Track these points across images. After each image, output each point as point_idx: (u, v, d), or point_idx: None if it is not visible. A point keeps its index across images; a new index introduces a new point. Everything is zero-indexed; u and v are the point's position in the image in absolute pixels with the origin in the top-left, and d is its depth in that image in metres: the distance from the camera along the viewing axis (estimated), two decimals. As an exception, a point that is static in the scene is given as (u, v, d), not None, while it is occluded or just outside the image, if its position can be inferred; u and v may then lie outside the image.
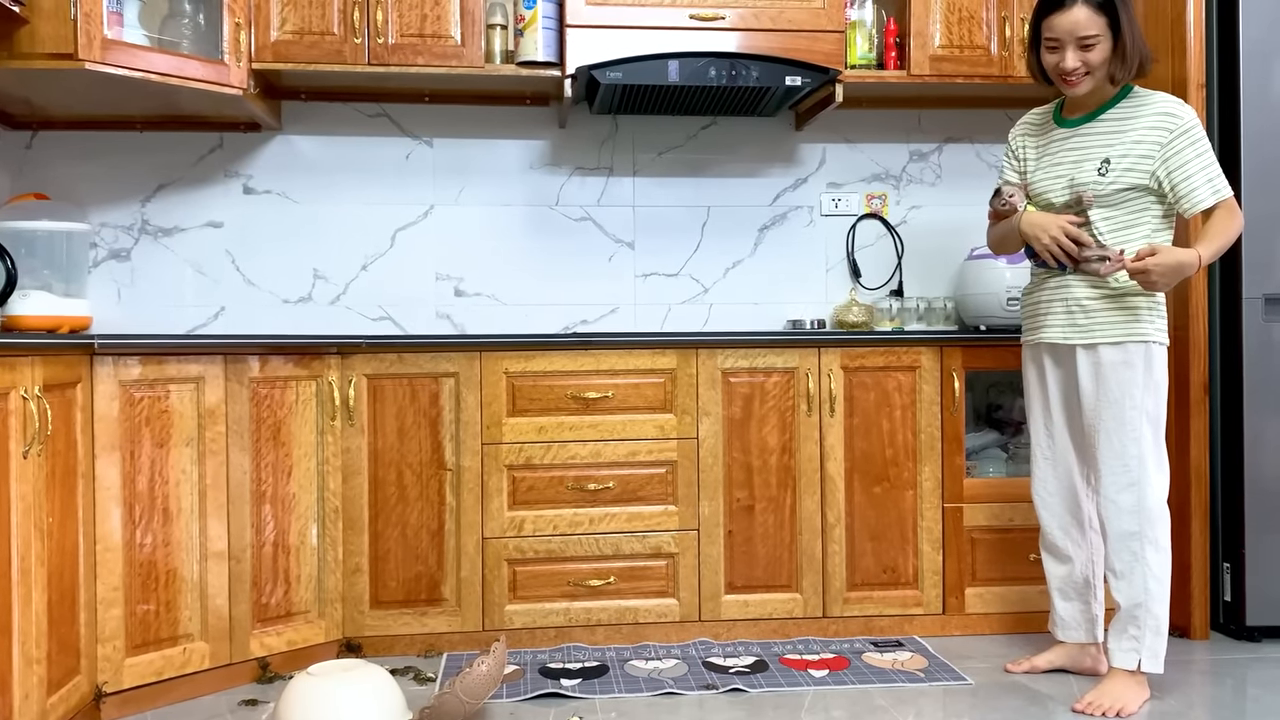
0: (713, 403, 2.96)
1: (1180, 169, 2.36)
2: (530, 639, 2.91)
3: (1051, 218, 2.46)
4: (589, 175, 3.46)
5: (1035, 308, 2.58)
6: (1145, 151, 2.39)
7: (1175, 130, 2.37)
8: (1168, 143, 2.37)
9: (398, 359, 2.86)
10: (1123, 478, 2.43)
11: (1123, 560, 2.44)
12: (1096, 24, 2.37)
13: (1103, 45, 2.38)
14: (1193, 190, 2.36)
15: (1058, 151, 2.51)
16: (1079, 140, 2.48)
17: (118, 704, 2.41)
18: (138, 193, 3.29)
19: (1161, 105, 2.41)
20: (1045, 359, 2.58)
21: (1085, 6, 2.38)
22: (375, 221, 3.38)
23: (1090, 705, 2.40)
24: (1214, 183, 2.36)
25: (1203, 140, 2.37)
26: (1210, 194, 2.36)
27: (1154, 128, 2.39)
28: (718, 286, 3.51)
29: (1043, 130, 2.59)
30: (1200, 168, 2.35)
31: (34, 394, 2.07)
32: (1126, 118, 2.43)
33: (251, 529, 2.63)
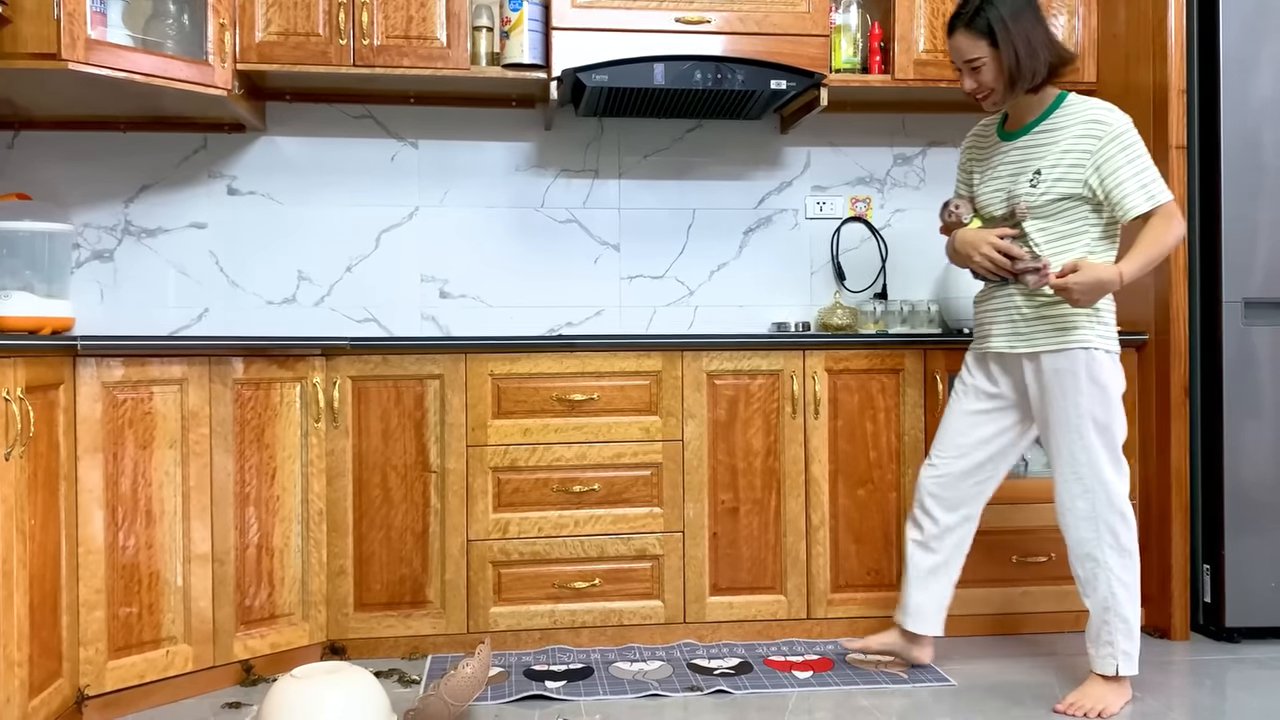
0: (698, 405, 2.97)
1: (1112, 175, 2.34)
2: (515, 641, 2.91)
3: (982, 234, 2.49)
4: (574, 178, 3.47)
5: (982, 317, 2.62)
6: (1074, 160, 2.39)
7: (1105, 137, 2.36)
8: (1098, 150, 2.36)
9: (382, 361, 2.85)
10: (1075, 485, 2.45)
11: (1085, 568, 2.47)
12: (978, 47, 2.42)
13: (989, 66, 2.42)
14: (1125, 196, 2.34)
15: (998, 164, 2.54)
16: (1016, 153, 2.50)
17: (100, 707, 2.40)
18: (121, 193, 3.28)
19: (1090, 113, 2.40)
20: (992, 366, 2.61)
21: (963, 31, 2.43)
22: (360, 223, 3.38)
23: (1072, 707, 2.42)
24: (1148, 188, 2.33)
25: (1135, 145, 2.36)
26: (1144, 199, 2.33)
27: (1083, 135, 2.39)
28: (703, 289, 3.52)
29: (987, 143, 2.62)
30: (1133, 173, 2.33)
31: (16, 396, 2.06)
32: (1058, 128, 2.43)
33: (235, 531, 2.62)
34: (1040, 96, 2.47)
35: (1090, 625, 2.48)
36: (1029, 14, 2.40)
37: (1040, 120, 2.47)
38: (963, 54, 2.44)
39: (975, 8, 2.40)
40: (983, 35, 2.40)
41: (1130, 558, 2.45)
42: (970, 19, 2.41)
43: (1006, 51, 2.38)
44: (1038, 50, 2.39)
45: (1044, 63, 2.40)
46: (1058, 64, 2.42)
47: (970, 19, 2.41)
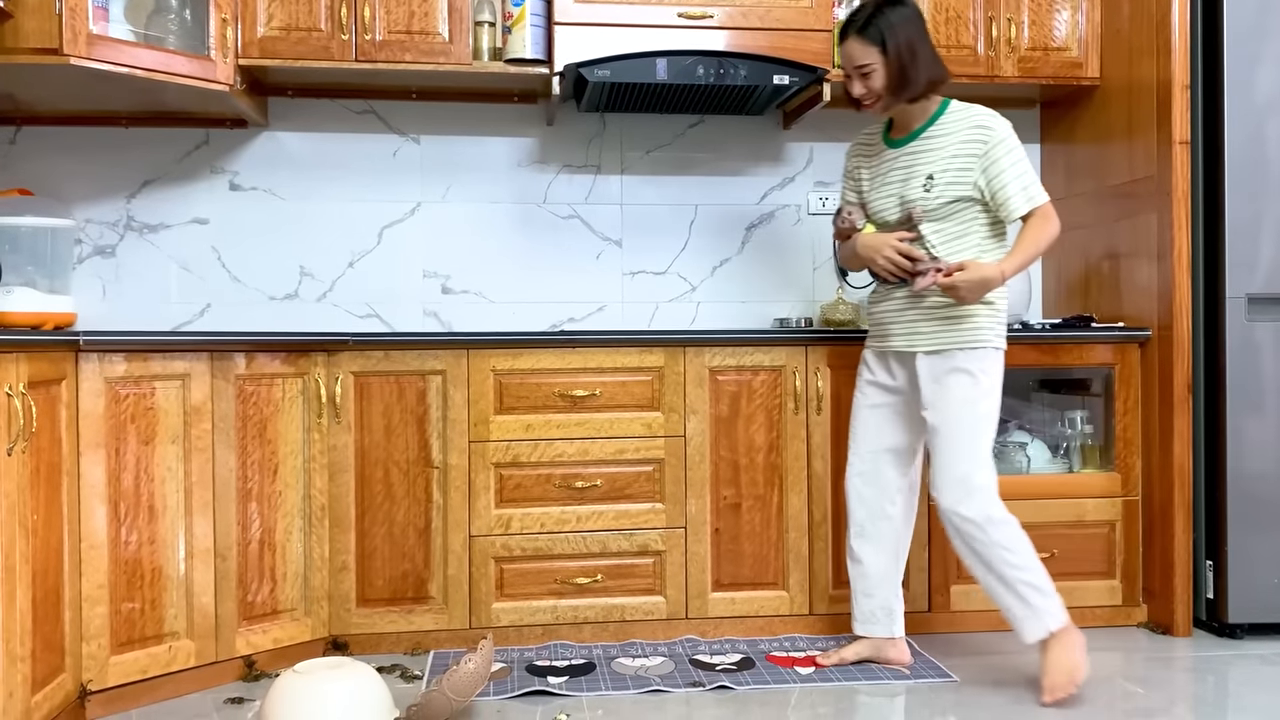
0: (700, 401, 2.96)
1: (997, 178, 2.46)
2: (517, 637, 2.92)
3: (884, 238, 2.56)
4: (577, 173, 3.46)
5: (881, 317, 2.65)
6: (963, 164, 2.49)
7: (990, 142, 2.47)
8: (984, 154, 2.47)
9: (385, 356, 2.85)
10: (957, 470, 2.50)
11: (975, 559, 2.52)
12: (869, 54, 2.48)
13: (879, 73, 2.49)
14: (1008, 199, 2.46)
15: (888, 171, 2.60)
16: (905, 159, 2.57)
17: (102, 702, 2.40)
18: (123, 189, 3.27)
19: (975, 119, 2.51)
20: (892, 362, 2.65)
21: (856, 39, 2.50)
22: (362, 219, 3.38)
23: (1052, 691, 2.45)
24: (1028, 190, 2.46)
25: (1016, 150, 2.47)
26: (1024, 201, 2.45)
27: (969, 140, 2.49)
28: (705, 285, 3.52)
29: (874, 151, 2.67)
30: (1014, 176, 2.45)
31: (18, 391, 2.06)
32: (944, 134, 2.52)
33: (237, 526, 2.62)
34: (924, 105, 2.55)
35: (1003, 608, 2.52)
36: (916, 28, 2.50)
37: (926, 127, 2.55)
38: (854, 60, 2.51)
39: (867, 16, 2.49)
40: (875, 43, 2.47)
41: (1006, 524, 2.49)
42: (863, 27, 2.49)
43: (894, 60, 2.46)
44: (922, 63, 2.48)
45: (925, 75, 2.49)
46: (937, 80, 2.51)
47: (863, 27, 2.49)
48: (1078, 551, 3.05)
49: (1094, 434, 3.19)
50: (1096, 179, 3.32)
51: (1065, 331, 3.08)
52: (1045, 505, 3.04)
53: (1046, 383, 3.40)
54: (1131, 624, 3.08)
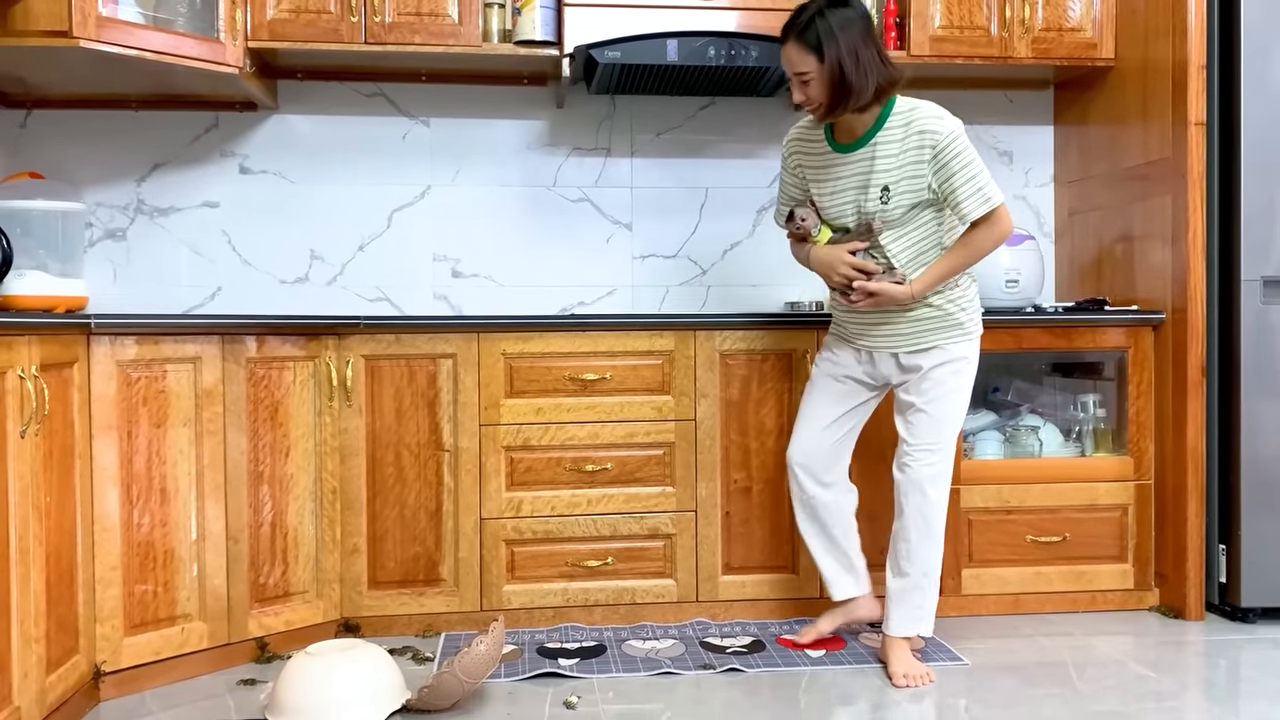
0: (710, 384, 2.96)
1: (948, 182, 2.39)
2: (528, 619, 2.92)
3: (837, 255, 2.50)
4: (587, 156, 3.45)
5: (846, 318, 2.63)
6: (914, 172, 2.41)
7: (936, 147, 2.38)
8: (933, 159, 2.39)
9: (395, 340, 2.85)
10: (928, 456, 2.51)
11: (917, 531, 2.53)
12: (806, 61, 2.37)
13: (817, 81, 2.37)
14: (961, 202, 2.39)
15: (839, 177, 2.50)
16: (857, 166, 2.47)
17: (116, 683, 2.42)
18: (133, 172, 3.27)
19: (920, 123, 2.40)
20: (862, 353, 2.62)
21: (794, 44, 2.39)
22: (372, 202, 3.37)
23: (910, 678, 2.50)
24: (983, 191, 2.39)
25: (966, 151, 2.38)
26: (980, 204, 2.39)
27: (918, 147, 2.40)
28: (716, 268, 3.50)
29: (818, 151, 2.55)
30: (966, 179, 2.38)
31: (31, 373, 2.06)
32: (891, 139, 2.42)
33: (249, 509, 2.63)
34: (871, 108, 2.44)
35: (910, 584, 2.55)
36: (860, 32, 2.36)
37: (873, 132, 2.44)
38: (793, 65, 2.40)
39: (807, 20, 2.36)
40: (812, 50, 2.35)
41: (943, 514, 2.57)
42: (801, 31, 2.37)
43: (833, 68, 2.34)
44: (867, 70, 2.35)
45: (872, 83, 2.36)
46: (886, 85, 2.39)
47: (801, 31, 2.37)
48: (1090, 535, 3.05)
49: (1106, 418, 3.18)
50: (1110, 161, 3.30)
51: (1078, 315, 3.06)
52: (1057, 489, 3.04)
53: (1059, 366, 3.39)
54: (1143, 608, 3.07)
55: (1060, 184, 3.59)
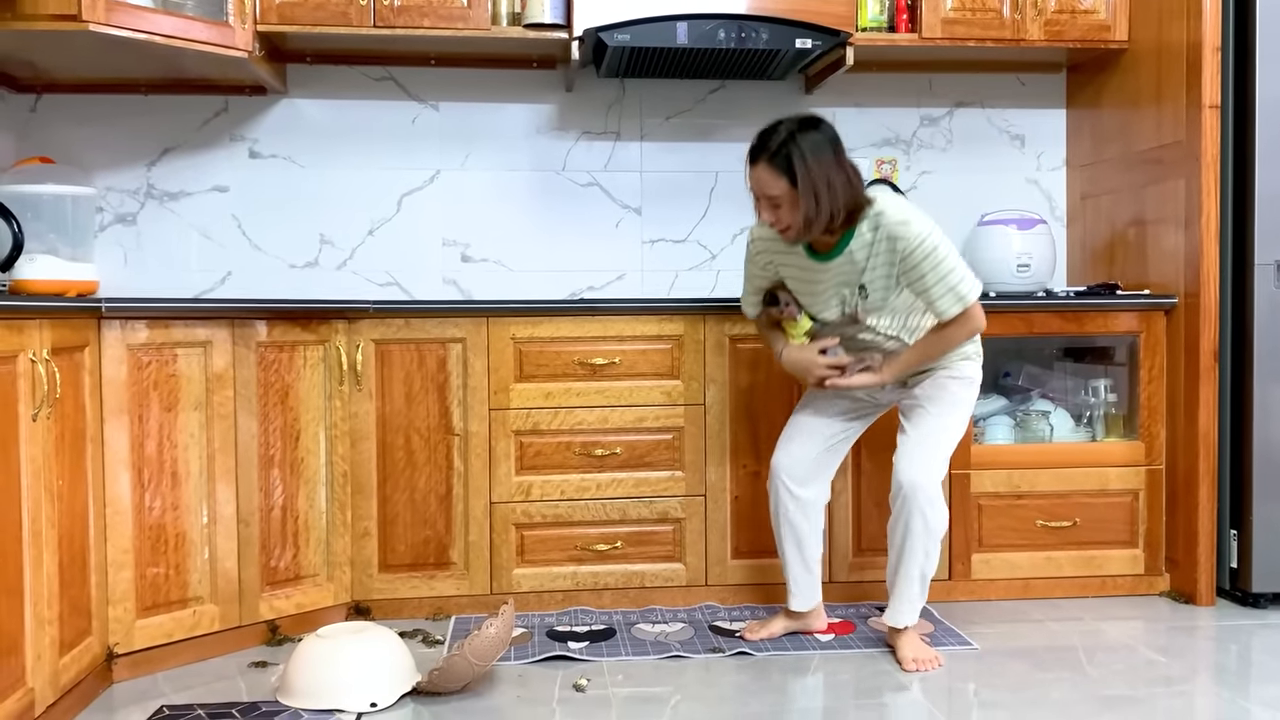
0: (720, 369, 2.95)
1: (919, 282, 2.37)
2: (538, 602, 2.93)
3: (811, 359, 2.52)
4: (596, 140, 3.44)
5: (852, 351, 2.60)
6: (886, 271, 2.40)
7: (904, 251, 2.35)
8: (901, 262, 2.37)
9: (405, 324, 2.85)
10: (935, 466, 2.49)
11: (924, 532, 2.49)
12: (778, 184, 2.33)
13: (787, 205, 2.34)
14: (935, 302, 2.38)
15: (818, 281, 2.49)
16: (833, 273, 2.46)
17: (129, 665, 2.43)
18: (143, 157, 3.28)
19: (889, 228, 2.36)
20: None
21: (766, 166, 2.34)
22: (381, 186, 3.37)
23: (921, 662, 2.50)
24: (956, 289, 2.36)
25: (936, 251, 2.34)
26: (955, 303, 2.37)
27: (889, 250, 2.38)
28: (726, 253, 3.49)
29: (792, 255, 2.51)
30: (938, 279, 2.35)
31: (42, 357, 2.07)
32: (864, 244, 2.40)
33: (260, 493, 2.64)
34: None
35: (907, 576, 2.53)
36: (830, 156, 2.33)
37: (846, 241, 2.41)
38: (762, 188, 2.36)
39: (779, 144, 2.32)
40: (784, 173, 2.32)
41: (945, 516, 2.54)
42: (773, 155, 2.33)
43: (806, 194, 2.30)
44: (838, 194, 2.32)
45: (842, 206, 2.33)
46: (855, 209, 2.36)
47: (773, 155, 2.33)
48: (1100, 520, 3.04)
49: (1118, 403, 3.16)
50: (1123, 144, 3.27)
51: (1090, 299, 3.05)
52: (1068, 474, 3.03)
53: (1070, 351, 3.37)
54: (1154, 593, 3.07)
55: (1072, 168, 3.57)
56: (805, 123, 2.36)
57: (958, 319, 2.39)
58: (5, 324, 1.95)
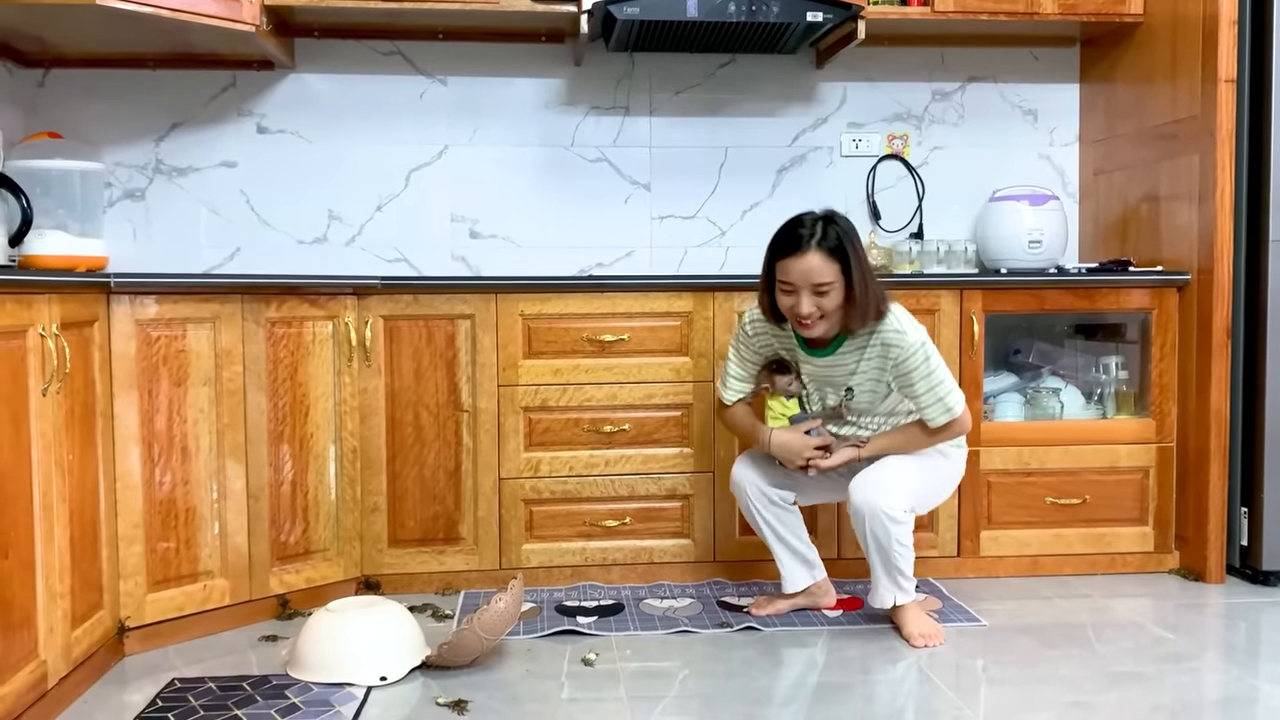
0: (729, 346, 2.94)
1: (909, 389, 2.44)
2: (547, 577, 2.94)
3: (801, 442, 2.53)
4: (605, 115, 3.42)
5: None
6: (877, 376, 2.47)
7: (898, 359, 2.41)
8: (893, 369, 2.43)
9: (414, 300, 2.85)
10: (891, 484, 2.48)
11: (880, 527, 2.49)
12: (830, 270, 2.36)
13: (836, 291, 2.37)
14: (924, 409, 2.44)
15: (811, 372, 2.56)
16: (824, 370, 2.53)
17: (140, 638, 2.45)
18: (151, 132, 3.27)
19: (883, 335, 2.42)
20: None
21: (819, 253, 2.36)
22: (390, 162, 3.36)
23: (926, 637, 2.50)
24: (944, 401, 2.42)
25: (927, 362, 2.40)
26: (942, 413, 2.42)
27: (881, 357, 2.44)
28: (735, 229, 3.48)
29: (788, 343, 2.57)
30: (927, 388, 2.41)
31: (51, 332, 2.07)
32: (857, 349, 2.47)
33: (269, 468, 2.65)
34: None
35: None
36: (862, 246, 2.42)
37: (840, 344, 2.48)
38: (815, 275, 2.36)
39: (826, 229, 2.37)
40: (837, 260, 2.36)
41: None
42: (822, 239, 2.36)
43: (859, 282, 2.36)
44: (875, 293, 2.39)
45: (874, 308, 2.39)
46: (883, 310, 2.41)
47: (822, 239, 2.36)
48: (1110, 498, 3.03)
49: (1129, 380, 3.15)
50: (1137, 120, 3.24)
51: (1102, 276, 3.03)
52: (1078, 451, 3.02)
53: (1082, 328, 3.35)
54: (1163, 571, 3.06)
55: (1085, 143, 3.54)
56: (833, 214, 2.43)
57: (944, 426, 2.45)
58: (14, 299, 1.95)
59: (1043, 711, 2.09)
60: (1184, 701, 2.14)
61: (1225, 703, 2.14)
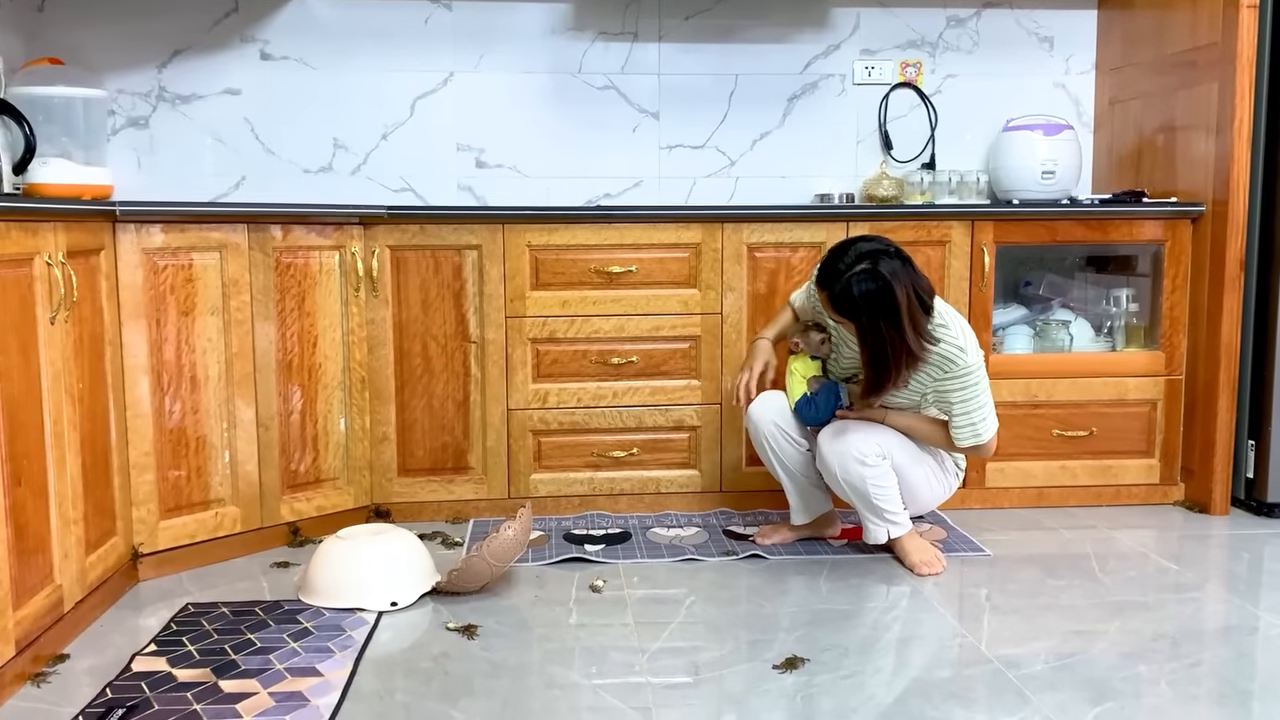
0: (737, 278, 2.93)
1: (947, 404, 2.43)
2: (555, 506, 2.97)
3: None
4: (613, 41, 3.36)
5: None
6: (921, 379, 2.43)
7: (950, 373, 2.40)
8: (938, 381, 2.42)
9: (420, 230, 2.83)
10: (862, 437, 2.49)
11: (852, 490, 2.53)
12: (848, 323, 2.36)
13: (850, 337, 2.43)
14: (955, 427, 2.44)
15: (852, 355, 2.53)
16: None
17: (154, 564, 2.48)
18: (154, 58, 3.22)
19: (943, 350, 2.39)
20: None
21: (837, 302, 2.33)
22: (395, 89, 3.31)
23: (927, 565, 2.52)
24: (976, 428, 2.42)
25: (972, 387, 2.40)
26: (970, 436, 2.43)
27: (933, 364, 2.40)
28: (744, 159, 3.44)
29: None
30: (962, 412, 2.41)
31: (58, 260, 2.06)
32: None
33: (279, 398, 2.66)
34: None
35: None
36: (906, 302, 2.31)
37: None
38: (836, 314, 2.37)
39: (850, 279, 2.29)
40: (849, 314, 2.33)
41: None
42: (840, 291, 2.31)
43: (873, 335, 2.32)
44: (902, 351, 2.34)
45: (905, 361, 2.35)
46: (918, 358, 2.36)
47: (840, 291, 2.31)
48: (1117, 430, 3.03)
49: (1139, 312, 3.13)
50: (1155, 47, 3.17)
51: (1115, 207, 2.99)
52: (1086, 384, 3.01)
53: (1093, 260, 3.33)
54: (1168, 503, 3.08)
55: (1102, 71, 3.47)
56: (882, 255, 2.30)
57: (969, 448, 2.47)
58: (20, 226, 1.94)
59: (1045, 639, 2.12)
60: (1185, 630, 2.17)
61: (1226, 631, 2.16)
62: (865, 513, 2.53)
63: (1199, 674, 1.96)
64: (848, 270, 2.30)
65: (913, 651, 2.07)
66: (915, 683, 1.92)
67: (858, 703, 1.84)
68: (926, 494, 2.58)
